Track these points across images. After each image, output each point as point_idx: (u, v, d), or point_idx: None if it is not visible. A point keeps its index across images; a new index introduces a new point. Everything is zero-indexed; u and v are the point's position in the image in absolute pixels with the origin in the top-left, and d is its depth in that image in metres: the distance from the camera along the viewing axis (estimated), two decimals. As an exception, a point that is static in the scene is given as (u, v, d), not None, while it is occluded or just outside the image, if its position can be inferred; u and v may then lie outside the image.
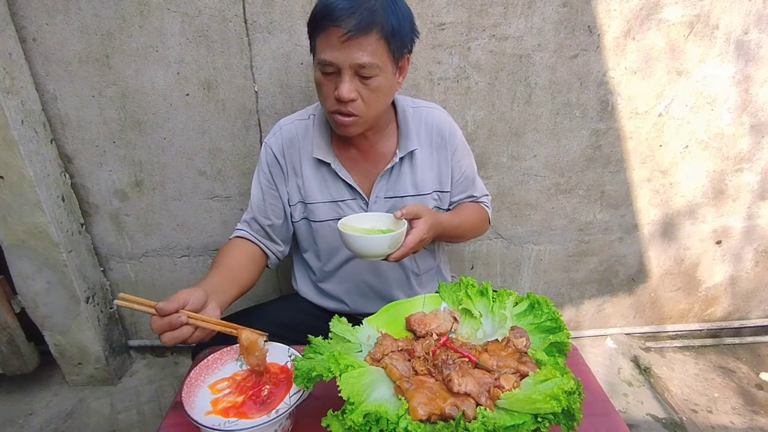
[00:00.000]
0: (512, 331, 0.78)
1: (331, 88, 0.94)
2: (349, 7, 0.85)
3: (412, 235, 0.94)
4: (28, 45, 1.38)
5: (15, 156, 1.36)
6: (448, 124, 1.14)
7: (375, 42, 0.88)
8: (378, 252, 0.91)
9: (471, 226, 1.19)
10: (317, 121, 1.10)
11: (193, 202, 1.62)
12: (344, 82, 0.91)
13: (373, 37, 0.87)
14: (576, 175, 1.65)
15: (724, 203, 1.74)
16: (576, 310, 1.94)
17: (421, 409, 0.61)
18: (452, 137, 1.13)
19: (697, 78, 1.52)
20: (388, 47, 0.91)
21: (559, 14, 1.40)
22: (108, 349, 1.74)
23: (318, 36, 0.91)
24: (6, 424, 1.60)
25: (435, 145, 1.12)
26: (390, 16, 0.88)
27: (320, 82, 0.95)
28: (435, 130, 1.12)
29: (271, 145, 1.11)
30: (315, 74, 0.96)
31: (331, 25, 0.86)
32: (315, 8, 0.91)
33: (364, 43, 0.87)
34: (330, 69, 0.91)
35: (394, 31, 0.90)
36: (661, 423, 1.59)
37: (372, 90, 0.93)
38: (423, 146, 1.11)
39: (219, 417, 0.67)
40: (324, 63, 0.91)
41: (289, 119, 1.13)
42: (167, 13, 1.35)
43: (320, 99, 1.00)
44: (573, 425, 0.59)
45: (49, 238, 1.48)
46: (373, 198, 1.09)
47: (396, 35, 0.91)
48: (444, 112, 1.16)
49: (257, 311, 1.20)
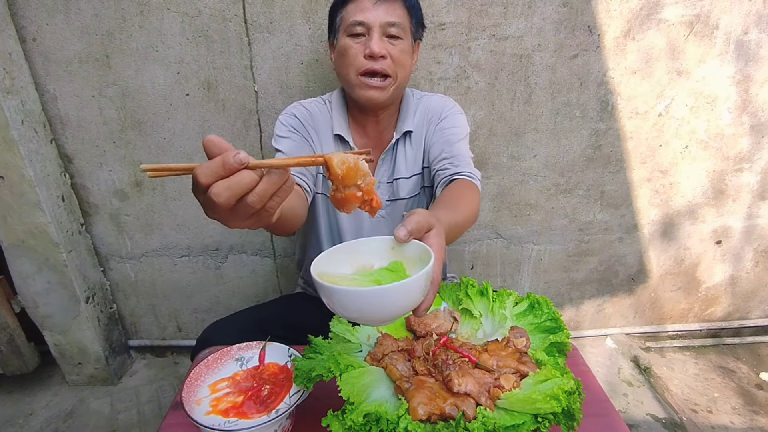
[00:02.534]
0: (512, 331, 0.78)
1: (359, 50, 0.99)
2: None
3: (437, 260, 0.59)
4: (28, 45, 1.38)
5: (15, 156, 1.36)
6: (446, 102, 1.15)
7: (401, 8, 1.00)
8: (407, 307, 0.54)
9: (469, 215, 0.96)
10: (335, 104, 1.13)
11: (193, 202, 1.62)
12: (374, 39, 0.98)
13: (399, 3, 1.00)
14: (576, 175, 1.65)
15: (724, 203, 1.74)
16: (576, 310, 1.94)
17: (421, 409, 0.61)
18: (444, 110, 1.13)
19: (697, 78, 1.52)
20: (409, 19, 1.02)
21: (559, 14, 1.40)
22: (108, 349, 1.74)
23: (345, 7, 1.00)
24: (6, 424, 1.60)
25: (427, 122, 1.14)
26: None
27: (347, 47, 1.00)
28: (432, 109, 1.15)
29: (294, 113, 1.11)
30: (341, 44, 1.01)
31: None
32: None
33: (393, 6, 0.99)
34: (360, 29, 0.98)
35: (414, 4, 1.03)
36: (661, 423, 1.59)
37: (399, 51, 1.01)
38: (417, 127, 1.14)
39: (219, 417, 0.67)
40: (355, 23, 0.98)
41: (307, 100, 1.15)
42: (167, 13, 1.35)
43: (346, 65, 1.02)
44: (573, 425, 0.59)
45: (49, 238, 1.48)
46: (376, 183, 1.09)
47: (415, 9, 1.04)
48: (451, 100, 1.17)
49: (257, 311, 1.20)
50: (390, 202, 1.15)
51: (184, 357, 1.93)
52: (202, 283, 1.78)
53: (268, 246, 1.71)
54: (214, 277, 1.77)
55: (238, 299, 1.81)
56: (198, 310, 1.84)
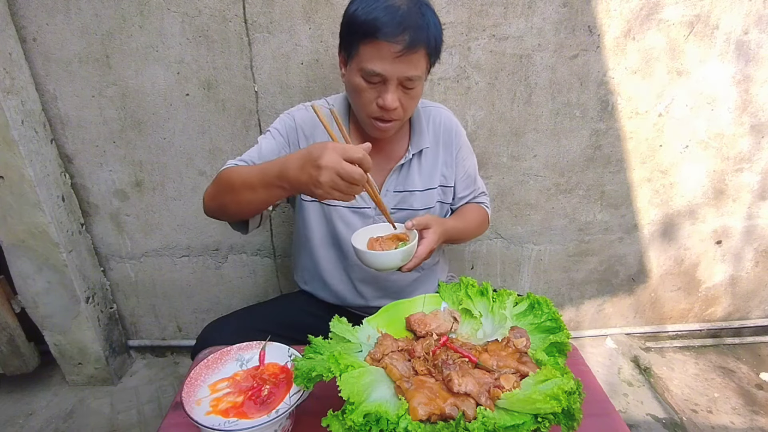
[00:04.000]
0: (512, 331, 0.78)
1: (373, 95, 0.97)
2: (401, 23, 0.89)
3: (423, 245, 0.99)
4: (28, 45, 1.38)
5: (15, 156, 1.36)
6: (455, 124, 1.20)
7: (422, 57, 0.94)
8: (391, 265, 0.95)
9: (473, 229, 1.25)
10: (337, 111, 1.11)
11: (193, 202, 1.62)
12: (390, 92, 0.95)
13: (421, 53, 0.93)
14: (576, 175, 1.65)
15: (724, 203, 1.74)
16: (576, 310, 1.94)
17: (421, 409, 0.61)
18: (458, 136, 1.19)
19: (697, 78, 1.52)
20: (429, 60, 0.97)
21: (559, 14, 1.40)
22: (108, 349, 1.74)
23: (363, 45, 0.92)
24: (6, 424, 1.60)
25: (442, 143, 1.17)
26: (433, 32, 0.94)
27: (361, 89, 0.97)
28: (443, 129, 1.17)
29: (295, 117, 1.11)
30: (354, 79, 0.97)
31: (385, 41, 0.89)
32: (357, 15, 0.92)
33: (414, 59, 0.92)
34: (377, 79, 0.94)
35: (436, 45, 0.97)
36: (661, 423, 1.59)
37: (411, 97, 0.99)
38: (431, 143, 1.16)
39: (219, 417, 0.67)
40: (372, 74, 0.93)
41: (316, 103, 1.14)
42: (167, 13, 1.35)
43: (357, 104, 1.02)
44: (573, 425, 0.59)
45: (49, 238, 1.48)
46: (383, 191, 1.13)
47: (437, 49, 0.98)
48: (450, 112, 1.22)
49: (257, 310, 1.20)
50: (397, 210, 1.14)
51: (184, 357, 1.93)
52: (202, 283, 1.78)
53: (268, 246, 1.71)
54: (214, 277, 1.77)
55: (238, 299, 1.81)
56: (198, 310, 1.84)
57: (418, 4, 0.93)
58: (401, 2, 0.91)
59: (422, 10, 0.92)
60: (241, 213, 0.98)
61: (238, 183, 0.92)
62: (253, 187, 0.89)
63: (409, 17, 0.90)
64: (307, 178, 0.78)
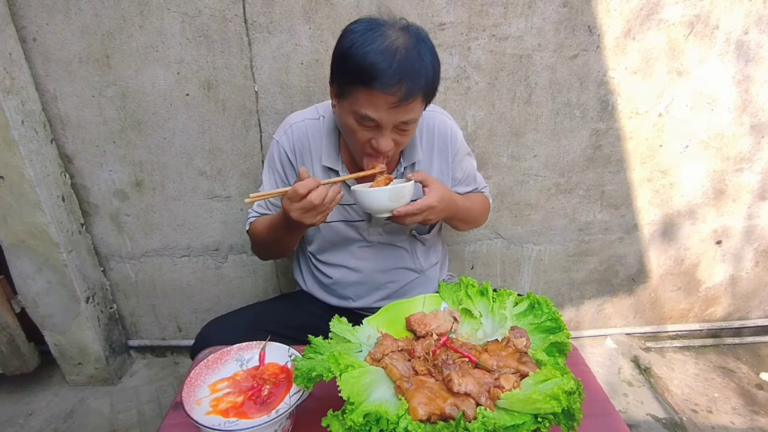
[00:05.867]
0: (512, 331, 0.78)
1: (366, 136, 0.95)
2: (398, 73, 0.85)
3: (423, 199, 0.98)
4: (28, 45, 1.38)
5: (15, 156, 1.36)
6: (450, 129, 1.15)
7: (419, 102, 0.92)
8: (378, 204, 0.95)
9: (476, 213, 1.24)
10: (326, 127, 1.10)
11: (193, 202, 1.62)
12: (384, 137, 0.93)
13: (418, 99, 0.91)
14: (576, 175, 1.65)
15: (724, 203, 1.74)
16: (576, 310, 1.94)
17: (421, 409, 0.61)
18: (453, 141, 1.15)
19: (697, 78, 1.52)
20: (426, 101, 0.95)
21: (559, 14, 1.40)
22: (108, 349, 1.74)
23: (357, 90, 0.89)
24: (6, 424, 1.60)
25: (437, 149, 1.14)
26: (431, 75, 0.90)
27: (353, 129, 0.94)
28: (437, 134, 1.13)
29: (282, 144, 1.11)
30: (347, 120, 0.94)
31: (380, 91, 0.86)
32: (351, 56, 0.87)
33: (410, 107, 0.90)
34: (371, 124, 0.92)
35: (434, 87, 0.94)
36: (661, 423, 1.59)
37: (406, 136, 0.98)
38: (425, 152, 1.13)
39: (219, 417, 0.67)
40: (366, 118, 0.91)
41: (299, 117, 1.13)
42: (167, 13, 1.35)
43: (349, 140, 1.01)
44: (573, 425, 0.59)
45: (49, 238, 1.48)
46: None
47: (434, 90, 0.95)
48: (445, 114, 1.18)
49: (257, 309, 1.20)
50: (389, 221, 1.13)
51: (184, 357, 1.93)
52: (202, 283, 1.78)
53: (268, 246, 1.71)
54: (214, 277, 1.77)
55: (238, 299, 1.81)
56: (198, 310, 1.84)
57: (416, 42, 0.88)
58: (399, 42, 0.86)
59: (420, 52, 0.88)
60: (289, 250, 1.16)
61: (270, 239, 1.09)
62: (282, 238, 1.06)
63: (407, 64, 0.85)
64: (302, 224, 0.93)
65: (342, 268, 1.18)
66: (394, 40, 0.86)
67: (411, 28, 0.90)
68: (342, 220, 1.13)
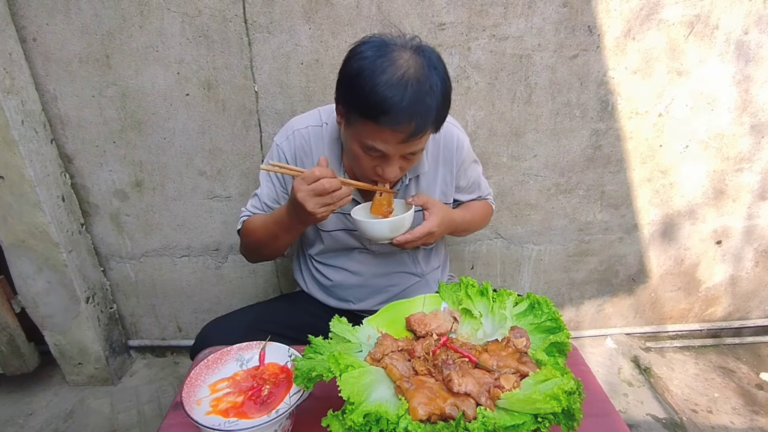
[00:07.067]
0: (512, 331, 0.78)
1: (371, 163, 0.93)
2: (409, 111, 0.82)
3: (422, 226, 1.00)
4: (28, 45, 1.38)
5: (15, 156, 1.36)
6: (456, 139, 1.12)
7: (427, 134, 0.90)
8: (379, 235, 0.97)
9: (478, 223, 1.26)
10: (329, 135, 1.08)
11: (193, 202, 1.62)
12: (391, 165, 0.92)
13: (427, 132, 0.89)
14: (576, 175, 1.65)
15: (724, 203, 1.74)
16: (576, 310, 1.94)
17: (421, 409, 0.61)
18: (459, 151, 1.12)
19: (697, 78, 1.52)
20: (435, 129, 0.92)
21: (559, 14, 1.40)
22: (108, 349, 1.74)
23: (364, 121, 0.86)
24: (6, 424, 1.60)
25: (442, 160, 1.12)
26: (441, 107, 0.87)
27: (359, 157, 0.93)
28: (443, 145, 1.11)
29: (283, 149, 1.09)
30: (352, 146, 0.92)
31: (389, 127, 0.84)
32: (359, 84, 0.83)
33: (419, 140, 0.88)
34: (377, 154, 0.90)
35: (444, 116, 0.91)
36: (661, 423, 1.59)
37: (413, 162, 0.96)
38: (430, 163, 1.11)
39: (219, 417, 0.67)
40: (373, 149, 0.89)
41: (302, 123, 1.10)
42: (167, 13, 1.35)
43: (353, 164, 0.99)
44: (573, 425, 0.59)
45: (49, 238, 1.48)
46: None
47: (444, 119, 0.91)
48: (452, 123, 1.14)
49: (257, 309, 1.20)
50: None
51: (184, 357, 1.93)
52: (202, 283, 1.78)
53: (268, 246, 1.71)
54: (214, 277, 1.77)
55: (238, 299, 1.81)
56: (198, 310, 1.84)
57: (428, 71, 0.83)
58: (410, 72, 0.82)
59: (432, 83, 0.84)
60: (279, 253, 1.13)
61: (264, 237, 1.06)
62: (277, 235, 1.03)
63: (417, 100, 0.82)
64: (301, 214, 0.89)
65: (342, 270, 1.18)
66: (405, 71, 0.82)
67: (423, 51, 0.86)
68: (343, 229, 1.13)
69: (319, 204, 0.87)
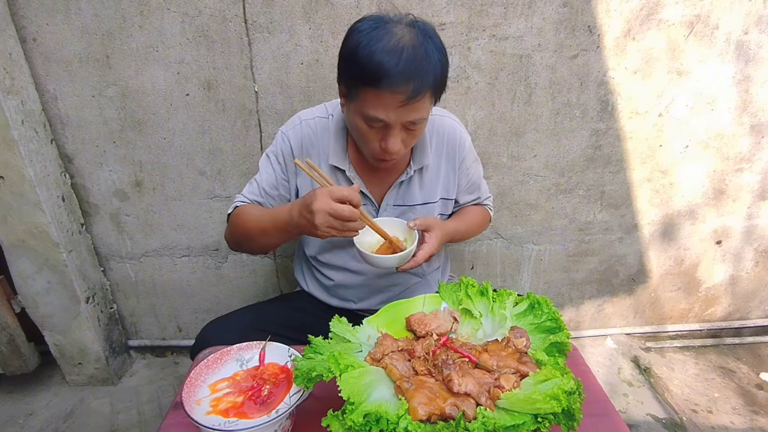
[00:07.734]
0: (512, 331, 0.78)
1: (375, 137, 0.95)
2: (406, 72, 0.84)
3: (424, 251, 1.01)
4: (28, 45, 1.38)
5: (15, 156, 1.36)
6: (458, 134, 1.15)
7: (427, 100, 0.91)
8: (386, 267, 1.03)
9: (474, 230, 1.26)
10: (334, 126, 1.09)
11: (193, 202, 1.62)
12: (394, 136, 0.93)
13: (427, 96, 0.90)
14: (576, 175, 1.65)
15: (724, 203, 1.74)
16: (576, 310, 1.94)
17: (421, 409, 0.61)
18: (461, 147, 1.15)
19: (697, 78, 1.52)
20: (435, 98, 0.94)
21: (559, 14, 1.40)
22: (108, 349, 1.74)
23: (364, 89, 0.88)
24: (6, 424, 1.60)
25: (445, 155, 1.14)
26: (438, 72, 0.89)
27: (363, 131, 0.94)
28: (446, 140, 1.13)
29: (290, 138, 1.09)
30: (356, 121, 0.94)
31: (388, 90, 0.85)
32: (357, 55, 0.86)
33: (418, 105, 0.89)
34: (379, 124, 0.91)
35: (443, 84, 0.93)
36: (661, 423, 1.59)
37: (415, 135, 0.97)
38: (434, 156, 1.13)
39: (219, 417, 0.67)
40: (374, 119, 0.90)
41: (310, 114, 1.12)
42: (167, 13, 1.35)
43: (359, 141, 1.01)
44: (573, 425, 0.59)
45: (49, 238, 1.48)
46: (384, 205, 1.12)
47: (443, 86, 0.94)
48: (456, 120, 1.17)
49: (257, 310, 1.20)
50: None
51: (184, 357, 1.93)
52: (202, 283, 1.78)
53: (268, 246, 1.71)
54: (214, 277, 1.77)
55: (238, 299, 1.81)
56: (198, 310, 1.84)
57: (423, 39, 0.87)
58: (405, 39, 0.85)
59: (427, 49, 0.87)
60: (263, 251, 1.12)
61: (254, 230, 1.02)
62: (268, 233, 1.00)
63: (414, 63, 0.85)
64: (305, 222, 0.87)
65: (343, 270, 1.18)
66: (400, 38, 0.85)
67: (418, 24, 0.89)
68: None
69: (328, 224, 0.85)
